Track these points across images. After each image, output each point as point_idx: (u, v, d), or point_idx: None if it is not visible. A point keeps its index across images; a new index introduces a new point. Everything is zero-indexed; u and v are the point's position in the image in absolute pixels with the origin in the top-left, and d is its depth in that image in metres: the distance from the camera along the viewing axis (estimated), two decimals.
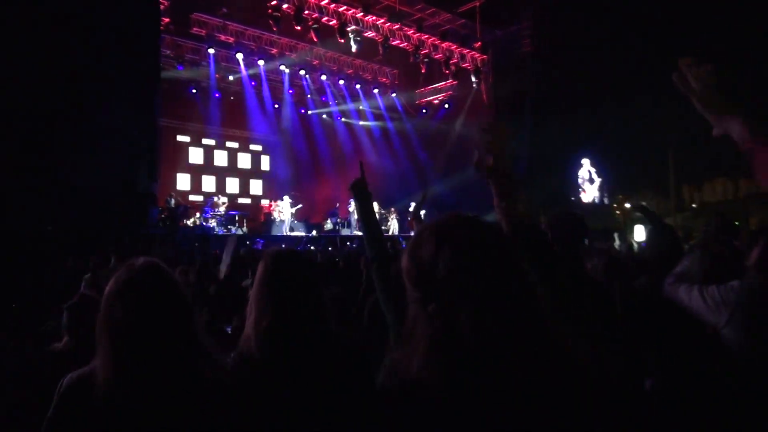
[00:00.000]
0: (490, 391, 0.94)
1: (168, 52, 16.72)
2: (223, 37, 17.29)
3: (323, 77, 20.00)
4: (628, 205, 20.69)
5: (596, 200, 23.94)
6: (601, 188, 24.06)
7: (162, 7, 14.19)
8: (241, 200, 21.56)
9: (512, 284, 1.00)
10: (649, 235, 3.49)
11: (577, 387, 0.96)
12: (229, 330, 4.24)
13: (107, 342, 1.52)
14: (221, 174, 21.62)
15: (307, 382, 1.78)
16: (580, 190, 23.45)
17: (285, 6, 15.15)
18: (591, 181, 23.87)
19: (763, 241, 2.29)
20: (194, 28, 16.69)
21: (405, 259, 1.09)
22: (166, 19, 15.02)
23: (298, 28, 15.69)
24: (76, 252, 7.71)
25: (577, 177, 23.31)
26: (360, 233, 18.26)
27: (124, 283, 1.56)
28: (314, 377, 1.79)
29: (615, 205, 24.41)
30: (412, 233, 1.26)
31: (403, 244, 10.92)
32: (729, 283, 2.30)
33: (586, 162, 23.51)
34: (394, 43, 17.84)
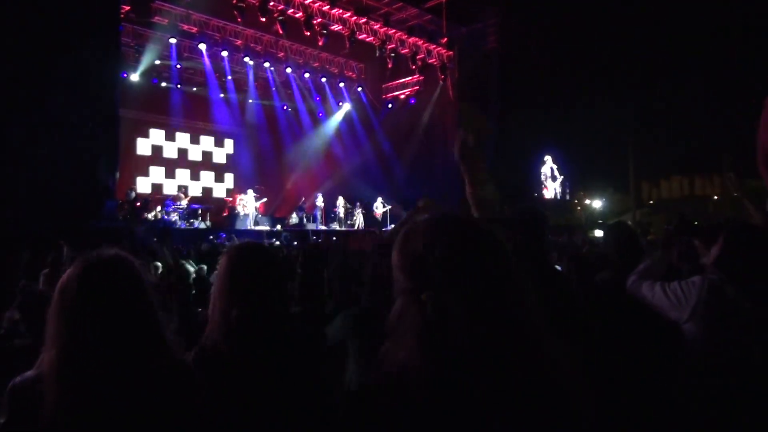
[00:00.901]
0: (479, 382, 0.95)
1: (128, 41, 16.27)
2: (185, 27, 16.91)
3: (288, 70, 19.78)
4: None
5: (558, 196, 24.42)
6: (563, 185, 24.55)
7: None
8: (202, 193, 21.19)
9: (504, 274, 1.03)
10: (606, 231, 3.57)
11: (561, 383, 0.98)
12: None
13: (59, 335, 1.44)
14: (182, 167, 21.19)
15: (273, 373, 1.79)
16: (542, 186, 23.88)
17: None
18: (553, 177, 24.34)
19: (722, 238, 2.37)
20: (156, 17, 16.26)
21: (396, 251, 1.10)
22: (127, 7, 14.59)
23: (263, 19, 15.47)
24: (30, 246, 7.46)
25: (539, 173, 23.72)
26: (324, 227, 18.25)
27: (84, 271, 1.48)
28: (280, 368, 1.80)
29: (576, 201, 24.94)
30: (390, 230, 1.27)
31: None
32: (690, 279, 2.36)
33: (548, 159, 23.95)
34: (360, 37, 17.77)
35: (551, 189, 24.28)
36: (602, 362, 2.33)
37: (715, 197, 25.51)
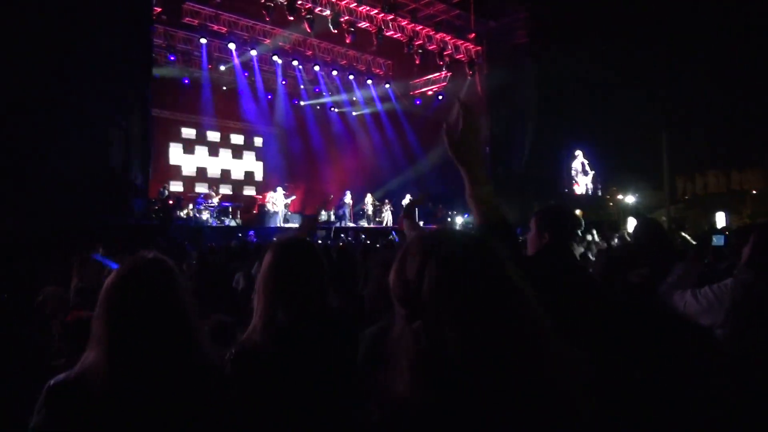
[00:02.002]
0: (475, 413, 0.91)
1: (160, 42, 16.56)
2: (215, 27, 17.13)
3: (316, 68, 19.87)
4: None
5: (589, 192, 24.02)
6: (594, 180, 24.14)
7: None
8: (234, 191, 21.47)
9: (500, 303, 0.96)
10: (637, 228, 3.47)
11: (564, 413, 0.93)
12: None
13: (106, 336, 1.47)
14: (214, 165, 21.51)
15: (313, 373, 1.77)
16: (573, 181, 23.52)
17: None
18: (584, 172, 23.94)
19: (753, 238, 2.29)
20: (186, 18, 16.51)
21: (392, 275, 1.06)
22: (158, 9, 14.85)
23: (292, 18, 15.56)
24: (60, 243, 7.63)
25: (570, 168, 23.37)
26: (353, 225, 18.32)
27: (129, 274, 1.54)
28: (320, 368, 1.78)
29: (608, 197, 24.51)
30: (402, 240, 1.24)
31: (396, 238, 10.90)
32: (722, 282, 2.29)
33: (579, 153, 23.57)
34: (388, 33, 17.74)
35: (582, 184, 23.89)
36: (624, 372, 2.27)
37: (754, 192, 24.78)
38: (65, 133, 10.04)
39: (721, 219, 20.35)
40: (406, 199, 19.54)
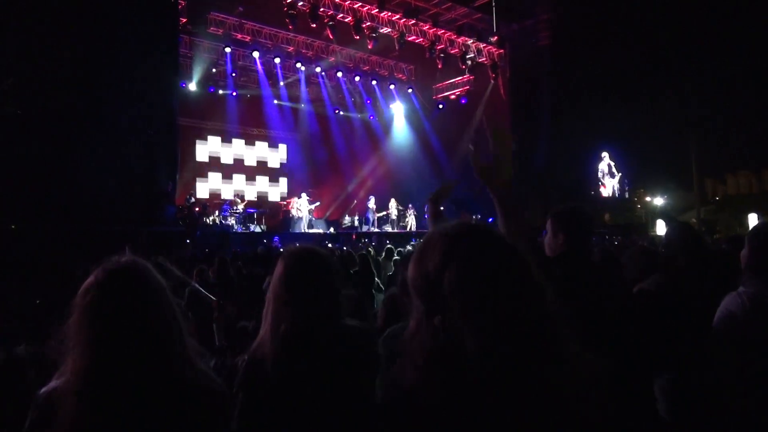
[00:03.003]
0: (487, 412, 0.90)
1: (186, 51, 16.85)
2: (239, 36, 17.38)
3: (339, 74, 20.00)
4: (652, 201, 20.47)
5: (616, 194, 23.66)
6: (621, 182, 23.76)
7: (179, 6, 14.29)
8: (259, 198, 21.69)
9: (521, 302, 0.95)
10: (669, 233, 3.37)
11: (577, 417, 0.91)
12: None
13: (78, 342, 1.39)
14: (238, 172, 21.76)
15: (319, 387, 1.74)
16: (599, 183, 23.19)
17: (300, 4, 15.17)
18: (611, 174, 23.60)
19: (754, 243, 2.25)
20: (211, 28, 16.79)
21: (411, 268, 1.04)
22: (184, 19, 15.13)
23: (314, 25, 15.71)
24: (89, 249, 7.77)
25: (596, 170, 23.05)
26: (377, 230, 18.34)
27: (103, 278, 1.44)
28: (327, 382, 1.75)
29: (635, 200, 24.09)
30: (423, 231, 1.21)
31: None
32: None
33: (605, 155, 23.25)
34: (410, 39, 17.77)
35: (609, 186, 23.55)
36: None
37: None
38: (99, 142, 10.27)
39: (753, 221, 19.85)
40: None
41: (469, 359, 0.91)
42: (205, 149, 20.83)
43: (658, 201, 22.20)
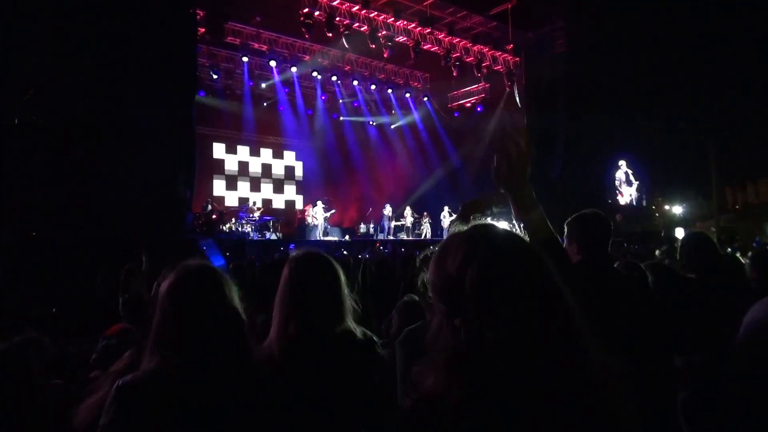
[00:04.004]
0: (508, 411, 0.90)
1: (203, 60, 17.08)
2: (256, 45, 17.58)
3: (355, 83, 20.11)
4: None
5: (634, 202, 23.41)
6: (639, 190, 23.51)
7: (198, 17, 14.51)
8: (275, 206, 21.83)
9: (542, 306, 0.95)
10: (684, 241, 3.33)
11: (604, 417, 0.92)
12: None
13: (173, 340, 1.54)
14: (256, 180, 21.93)
15: (322, 388, 1.79)
16: (617, 191, 22.97)
17: (317, 13, 15.31)
18: (629, 183, 23.35)
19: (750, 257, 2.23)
20: (229, 37, 17.01)
21: (432, 270, 1.05)
22: (202, 29, 15.35)
23: (330, 34, 15.83)
24: (110, 257, 7.86)
25: (613, 179, 22.83)
26: (393, 238, 18.35)
27: (187, 279, 1.61)
28: (332, 383, 1.80)
29: (653, 208, 23.83)
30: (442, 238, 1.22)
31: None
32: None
33: (623, 163, 23.02)
34: (425, 47, 17.83)
35: (626, 195, 23.31)
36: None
37: None
38: (118, 151, 10.41)
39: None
40: (445, 211, 19.49)
41: (490, 359, 0.92)
42: (223, 157, 21.04)
43: (677, 209, 21.94)
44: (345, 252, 13.92)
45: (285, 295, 1.88)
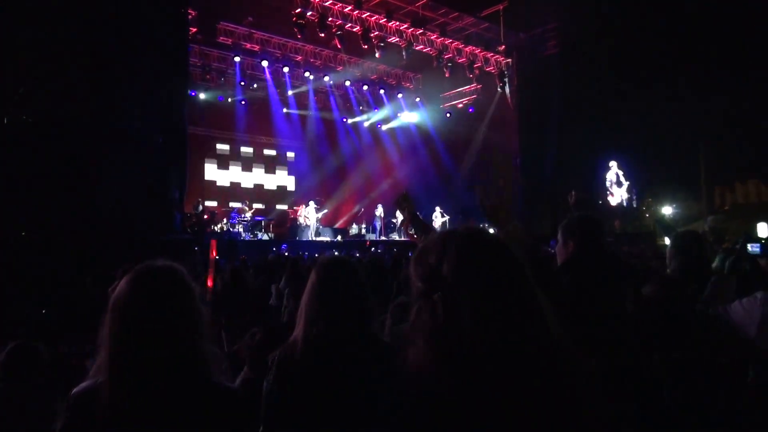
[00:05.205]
0: (485, 383, 0.98)
1: (195, 60, 17.02)
2: (248, 46, 17.54)
3: (347, 83, 20.11)
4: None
5: (624, 203, 23.54)
6: (629, 191, 23.65)
7: (189, 17, 14.45)
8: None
9: (512, 281, 1.07)
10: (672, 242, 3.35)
11: (570, 385, 1.01)
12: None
13: (107, 345, 1.44)
14: (247, 180, 21.88)
15: (347, 388, 1.84)
16: (608, 192, 23.09)
17: (309, 14, 15.30)
18: (619, 183, 23.48)
19: None
20: (221, 37, 16.96)
21: (412, 263, 1.16)
22: (194, 29, 15.29)
23: (323, 35, 15.83)
24: (100, 257, 7.82)
25: (604, 180, 22.96)
26: (384, 238, 18.36)
27: (135, 280, 1.48)
28: (355, 384, 1.84)
29: (644, 208, 23.97)
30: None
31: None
32: (753, 295, 2.23)
33: (613, 164, 23.15)
34: (417, 48, 17.86)
35: (617, 195, 23.44)
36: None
37: None
38: (108, 151, 10.35)
39: (763, 230, 19.65)
40: (437, 212, 19.54)
41: (465, 333, 1.01)
42: (214, 157, 20.98)
43: (667, 210, 22.09)
44: (336, 252, 13.94)
45: (312, 299, 1.96)
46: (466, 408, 0.98)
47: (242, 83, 18.70)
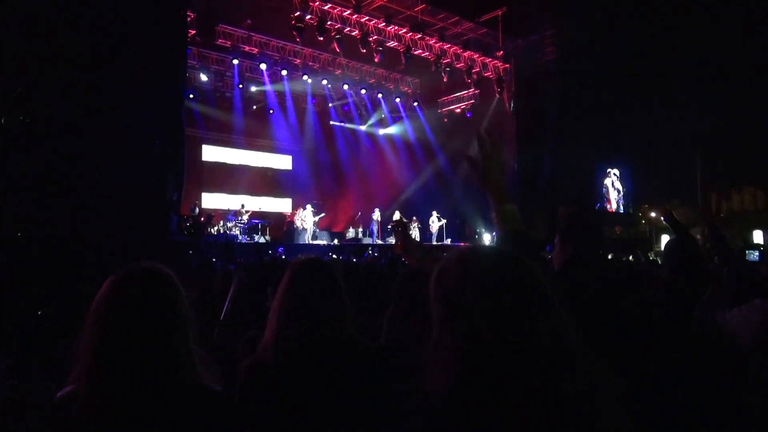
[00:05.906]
0: (509, 411, 0.97)
1: (194, 62, 17.01)
2: (247, 48, 17.55)
3: (345, 87, 20.14)
4: (653, 214, 20.42)
5: (621, 209, 23.61)
6: (626, 197, 23.73)
7: (188, 19, 14.45)
8: (264, 209, 21.74)
9: (536, 304, 1.04)
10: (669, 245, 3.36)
11: (592, 412, 0.99)
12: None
13: (89, 351, 1.41)
14: (244, 183, 21.84)
15: (320, 390, 1.77)
16: (605, 199, 23.16)
17: (308, 17, 15.31)
18: (616, 190, 23.57)
19: None
20: (219, 40, 16.96)
21: (431, 286, 1.14)
22: (192, 31, 15.29)
23: (321, 38, 15.84)
24: (95, 258, 7.80)
25: (601, 186, 23.03)
26: (381, 242, 18.34)
27: (117, 282, 1.46)
28: (328, 385, 1.78)
29: (640, 215, 24.04)
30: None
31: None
32: (750, 302, 2.23)
33: (610, 171, 23.24)
34: (416, 52, 17.89)
35: (614, 202, 23.53)
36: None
37: None
38: (106, 151, 10.32)
39: (758, 237, 19.74)
40: (433, 216, 19.55)
41: (486, 359, 0.99)
42: (210, 159, 20.94)
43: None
44: (333, 256, 13.92)
45: (283, 301, 1.86)
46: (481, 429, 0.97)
47: (240, 86, 18.70)
